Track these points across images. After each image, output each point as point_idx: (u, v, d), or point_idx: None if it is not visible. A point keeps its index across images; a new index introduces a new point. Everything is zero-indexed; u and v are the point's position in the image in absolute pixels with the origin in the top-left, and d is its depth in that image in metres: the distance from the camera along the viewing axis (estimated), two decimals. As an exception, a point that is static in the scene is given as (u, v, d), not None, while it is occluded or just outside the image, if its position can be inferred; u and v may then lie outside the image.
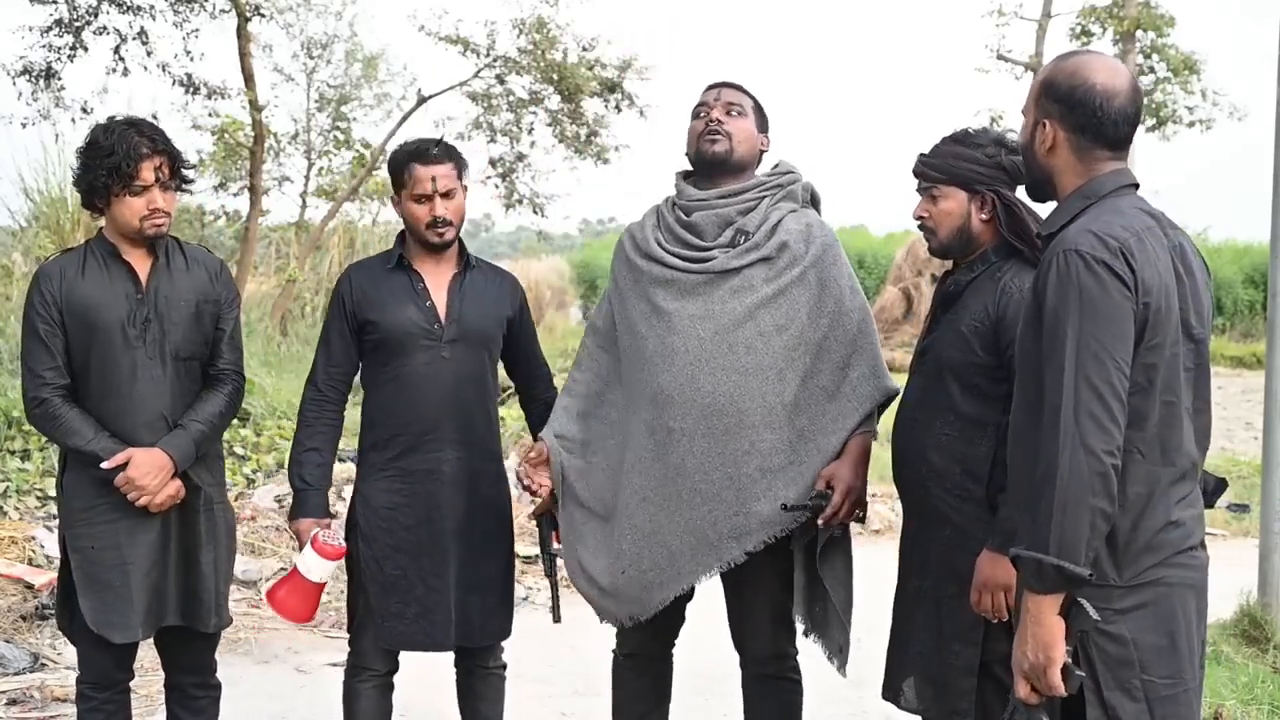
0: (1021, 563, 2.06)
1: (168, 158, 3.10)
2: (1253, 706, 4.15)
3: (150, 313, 3.11)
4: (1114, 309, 2.06)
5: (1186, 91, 18.65)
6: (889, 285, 19.95)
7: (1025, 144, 2.33)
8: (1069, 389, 2.04)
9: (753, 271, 2.97)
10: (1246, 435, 11.28)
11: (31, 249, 10.87)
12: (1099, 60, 2.26)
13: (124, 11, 9.41)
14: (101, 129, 3.09)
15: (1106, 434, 2.03)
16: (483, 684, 3.42)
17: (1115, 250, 2.08)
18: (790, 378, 2.94)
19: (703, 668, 3.45)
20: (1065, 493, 2.01)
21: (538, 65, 11.61)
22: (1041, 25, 18.62)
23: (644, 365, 3.02)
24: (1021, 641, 2.09)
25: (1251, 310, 22.29)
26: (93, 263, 3.12)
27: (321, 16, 15.10)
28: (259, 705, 4.41)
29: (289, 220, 14.63)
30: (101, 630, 3.07)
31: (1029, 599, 2.06)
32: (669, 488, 2.95)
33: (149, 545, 3.10)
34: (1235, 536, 7.28)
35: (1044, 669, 2.05)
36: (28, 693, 4.40)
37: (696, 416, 2.92)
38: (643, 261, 3.10)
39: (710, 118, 3.09)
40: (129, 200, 3.06)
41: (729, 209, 3.05)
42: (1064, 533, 2.01)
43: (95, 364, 3.08)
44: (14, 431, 6.48)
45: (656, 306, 3.03)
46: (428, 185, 3.21)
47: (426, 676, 3.83)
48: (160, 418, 3.11)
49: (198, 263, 3.23)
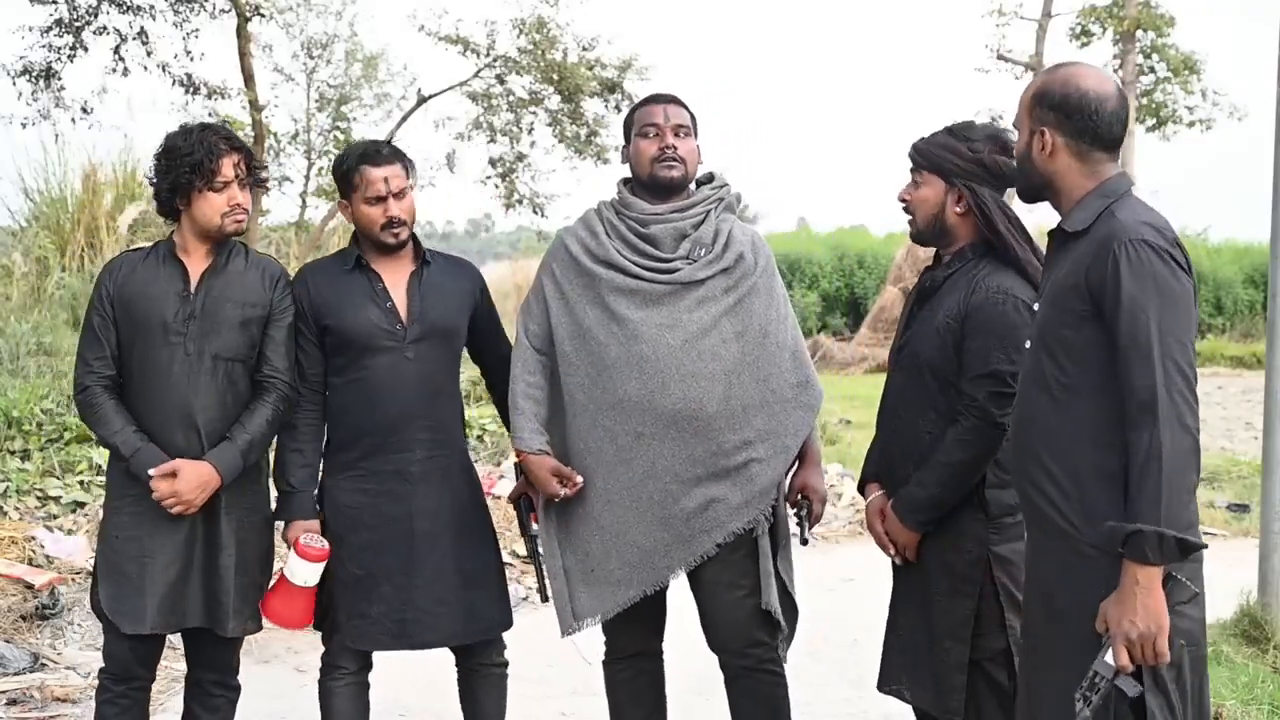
0: (1140, 537, 2.12)
1: (244, 155, 3.19)
2: (1253, 706, 4.15)
3: (195, 310, 3.16)
4: (1184, 295, 2.21)
5: (1186, 91, 18.66)
6: (889, 285, 19.93)
7: (1023, 153, 2.44)
8: (1160, 372, 2.14)
9: (715, 282, 3.10)
10: (1246, 435, 11.28)
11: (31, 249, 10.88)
12: (1086, 69, 2.39)
13: (124, 11, 9.40)
14: (178, 133, 3.19)
15: (1194, 412, 2.16)
16: (484, 682, 3.42)
17: (1172, 240, 2.24)
18: (748, 381, 3.09)
19: (701, 668, 3.45)
20: (1172, 468, 2.11)
21: (538, 65, 11.61)
22: (1041, 25, 18.63)
23: (604, 372, 3.08)
24: (1129, 611, 2.15)
25: (1251, 310, 22.31)
26: (152, 260, 3.22)
27: (321, 16, 15.13)
28: (259, 705, 4.41)
29: (289, 220, 14.65)
30: (114, 617, 3.13)
31: (1139, 572, 2.13)
32: (638, 489, 3.06)
33: (171, 543, 3.13)
34: (1235, 536, 7.27)
35: (1154, 638, 2.14)
36: (28, 693, 4.40)
37: (665, 421, 3.03)
38: (599, 269, 3.13)
39: (665, 143, 3.15)
40: (210, 197, 3.14)
41: (684, 222, 3.16)
42: (1172, 506, 2.11)
43: (137, 358, 3.15)
44: (14, 431, 6.48)
45: (616, 314, 3.09)
46: (380, 186, 3.22)
47: (427, 677, 3.82)
48: (194, 416, 3.14)
49: (257, 268, 3.27)
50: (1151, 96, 18.79)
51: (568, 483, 3.12)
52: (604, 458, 3.08)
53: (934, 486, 2.78)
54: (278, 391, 3.24)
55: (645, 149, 3.17)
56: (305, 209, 14.29)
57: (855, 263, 23.36)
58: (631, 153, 3.21)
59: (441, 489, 3.26)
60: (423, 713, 4.18)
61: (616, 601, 3.11)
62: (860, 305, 22.34)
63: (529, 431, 3.16)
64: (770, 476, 3.10)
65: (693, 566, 3.09)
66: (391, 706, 3.34)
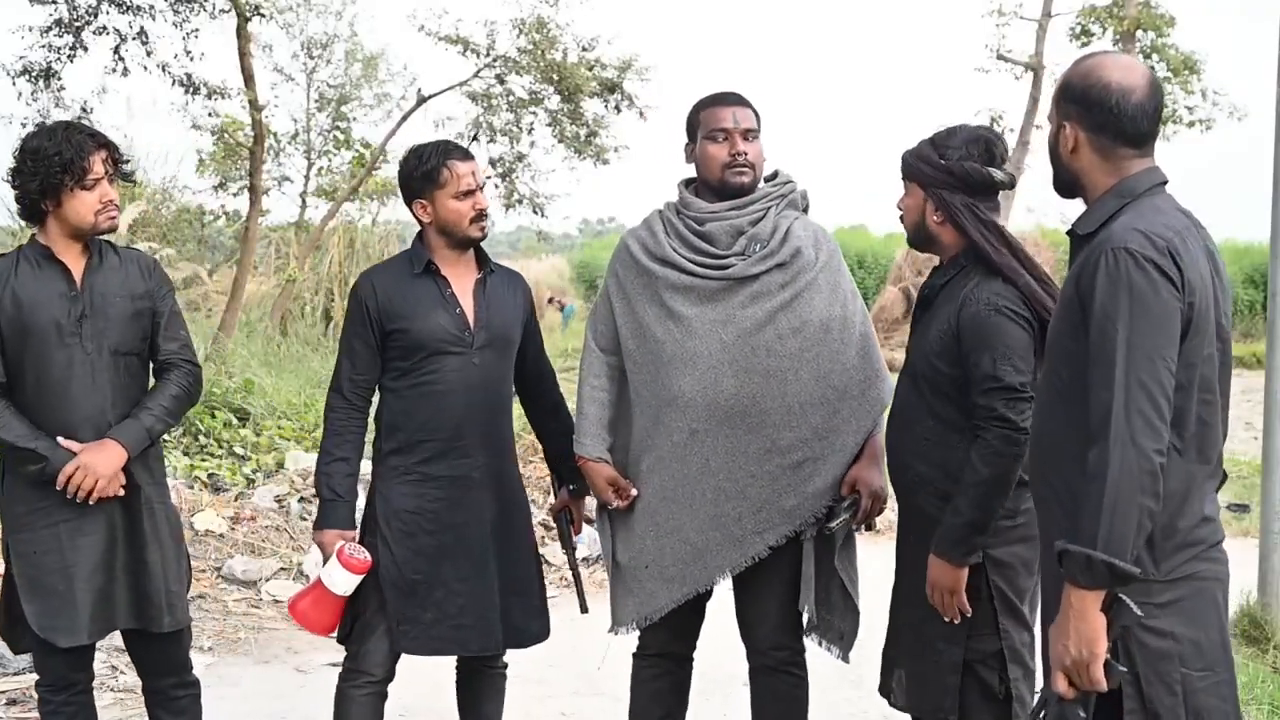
0: (1069, 558, 2.05)
1: (111, 150, 3.13)
2: (1252, 706, 4.15)
3: (86, 309, 3.10)
4: (1164, 308, 2.07)
5: (1186, 91, 18.65)
6: (889, 285, 19.96)
7: (1052, 146, 2.34)
8: (1120, 387, 2.04)
9: (769, 278, 3.06)
10: (1246, 435, 11.27)
11: (31, 249, 10.86)
12: (1113, 59, 2.28)
13: (124, 11, 9.40)
14: (40, 133, 3.11)
15: (1156, 433, 2.04)
16: (485, 683, 3.42)
17: (1163, 249, 2.10)
18: (806, 378, 3.04)
19: (707, 669, 3.46)
20: (1116, 490, 2.01)
21: (537, 65, 11.60)
22: (1041, 25, 18.61)
23: (661, 369, 3.08)
24: (1063, 635, 2.08)
25: (1251, 310, 22.30)
26: (25, 265, 3.11)
27: (321, 16, 15.11)
28: (259, 705, 4.41)
29: (289, 220, 14.65)
30: (47, 635, 3.06)
31: (1072, 594, 2.06)
32: (692, 486, 3.05)
33: (91, 548, 3.08)
34: (1235, 536, 7.24)
35: (1087, 664, 2.05)
36: (27, 693, 4.40)
37: (719, 418, 3.02)
38: (657, 266, 3.14)
39: (736, 149, 3.12)
40: (82, 195, 3.07)
41: (741, 219, 3.13)
42: (1113, 529, 2.01)
43: (30, 363, 3.07)
44: None
45: (672, 311, 3.09)
46: (470, 180, 3.22)
47: (426, 677, 3.82)
48: (100, 414, 3.09)
49: (130, 260, 3.23)
50: (1151, 96, 18.76)
51: (622, 493, 3.13)
52: (662, 454, 3.09)
53: (968, 511, 2.69)
54: (179, 369, 3.23)
55: (715, 154, 3.13)
56: (305, 209, 14.28)
57: (855, 263, 23.34)
58: (699, 155, 3.18)
59: (496, 496, 3.25)
60: (424, 712, 4.18)
61: (670, 598, 3.10)
62: (860, 305, 22.32)
63: (590, 437, 3.19)
64: (826, 478, 3.05)
65: (743, 568, 3.07)
66: (392, 706, 3.33)
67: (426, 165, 3.23)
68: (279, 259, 14.81)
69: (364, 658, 3.22)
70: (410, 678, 3.50)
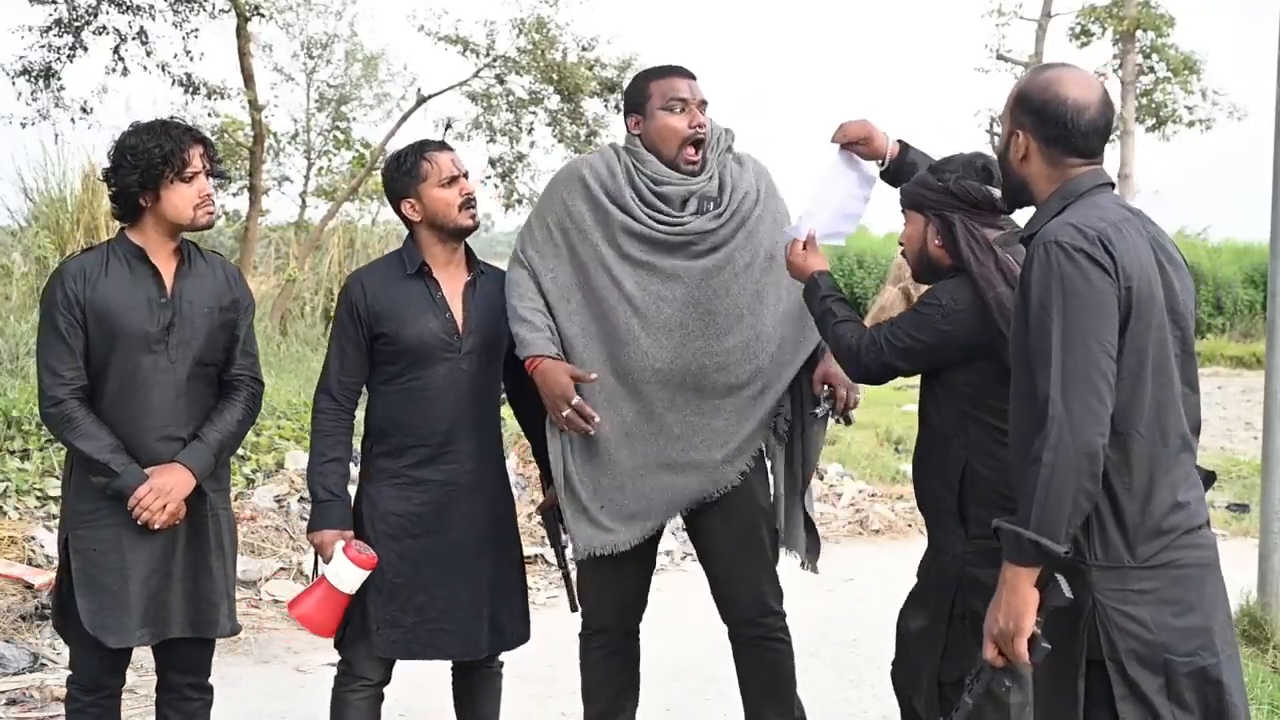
0: (1002, 534, 2.13)
1: (206, 146, 3.12)
2: (1252, 706, 4.15)
3: (175, 317, 3.08)
4: (1096, 294, 2.11)
5: (1186, 91, 18.68)
6: (889, 285, 19.92)
7: (1002, 152, 2.39)
8: (1056, 374, 2.09)
9: (724, 229, 3.15)
10: (1246, 435, 11.29)
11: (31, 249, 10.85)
12: (1071, 74, 2.31)
13: (124, 11, 9.42)
14: (137, 130, 3.08)
15: (1094, 415, 2.08)
16: (482, 683, 3.41)
17: (1093, 239, 2.14)
18: (760, 310, 3.15)
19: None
20: (1050, 471, 2.06)
21: (537, 65, 11.62)
22: (1041, 25, 18.64)
23: (620, 311, 3.11)
24: (995, 607, 2.16)
25: (1251, 310, 22.30)
26: (116, 264, 3.08)
27: (321, 16, 15.14)
28: (259, 705, 4.41)
29: (289, 220, 14.67)
30: (97, 633, 3.04)
31: (1007, 569, 2.14)
32: (657, 423, 3.12)
33: (151, 552, 3.06)
34: (1235, 536, 7.26)
35: (1012, 637, 2.14)
36: (27, 693, 4.39)
37: (685, 359, 3.09)
38: (614, 209, 3.15)
39: (696, 120, 3.15)
40: (181, 189, 3.04)
41: (696, 186, 3.18)
42: (1045, 510, 2.07)
43: (115, 367, 3.04)
44: (14, 431, 6.47)
45: (628, 254, 3.12)
46: (451, 168, 3.20)
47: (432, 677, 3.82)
48: (174, 424, 3.07)
49: (218, 267, 3.21)
50: (1151, 96, 18.79)
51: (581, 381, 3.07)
52: (620, 393, 3.12)
53: None
54: (249, 389, 3.22)
55: (676, 125, 3.14)
56: (305, 209, 14.30)
57: (855, 262, 23.37)
58: (654, 126, 3.17)
59: (483, 501, 3.23)
60: (424, 712, 4.18)
61: (630, 536, 3.14)
62: (860, 305, 22.33)
63: (541, 339, 3.12)
64: (776, 392, 3.16)
65: (715, 497, 3.13)
66: (392, 706, 3.33)
67: (405, 164, 3.24)
68: (279, 259, 14.80)
69: (358, 662, 3.20)
70: (413, 678, 3.50)
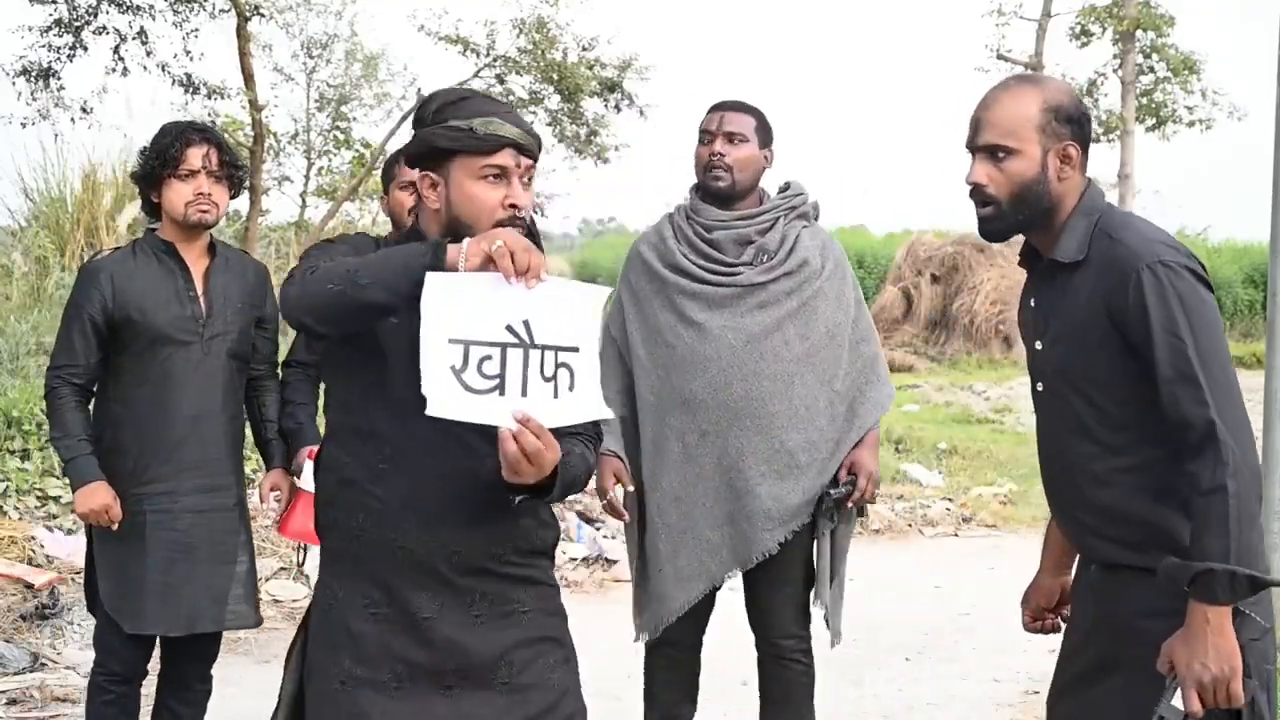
0: (1213, 577, 1.99)
1: (217, 148, 3.17)
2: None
3: (208, 310, 3.17)
4: (1214, 312, 2.12)
5: (1186, 91, 18.68)
6: (889, 285, 19.93)
7: (1035, 178, 2.20)
8: (1211, 399, 2.04)
9: (777, 286, 3.19)
10: (1246, 435, 11.28)
11: (31, 249, 10.86)
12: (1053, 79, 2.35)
13: (124, 11, 9.41)
14: (161, 129, 3.20)
15: (1250, 434, 2.06)
16: None
17: (1189, 254, 2.13)
18: (812, 382, 3.18)
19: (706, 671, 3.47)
20: (1238, 501, 2.00)
21: (538, 65, 11.62)
22: (1041, 25, 18.63)
23: (673, 372, 3.19)
24: (1200, 654, 2.01)
25: (1251, 310, 22.29)
26: (144, 258, 3.18)
27: (321, 16, 15.09)
28: (259, 705, 4.38)
29: (289, 220, 14.64)
30: (116, 616, 3.11)
31: (1207, 612, 2.00)
32: (703, 485, 3.17)
33: (174, 541, 3.13)
34: (1235, 536, 7.27)
35: (1228, 681, 2.01)
36: (27, 693, 4.40)
37: (729, 419, 3.14)
38: (669, 273, 3.24)
39: (713, 150, 3.20)
40: (176, 185, 3.13)
41: (749, 229, 3.24)
42: (1243, 539, 1.99)
43: (147, 358, 3.12)
44: (14, 431, 6.47)
45: (685, 317, 3.20)
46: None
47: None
48: (207, 414, 3.16)
49: (250, 266, 3.34)
50: (1151, 96, 18.79)
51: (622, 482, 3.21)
52: (671, 457, 3.19)
53: None
54: (275, 378, 3.43)
55: (698, 155, 3.28)
56: (305, 209, 14.29)
57: (855, 262, 23.32)
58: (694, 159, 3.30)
59: None
60: (423, 713, 4.17)
61: (686, 598, 3.20)
62: (860, 305, 22.30)
63: (610, 436, 3.22)
64: (829, 477, 3.21)
65: (753, 564, 3.19)
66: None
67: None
68: (279, 259, 14.81)
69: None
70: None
